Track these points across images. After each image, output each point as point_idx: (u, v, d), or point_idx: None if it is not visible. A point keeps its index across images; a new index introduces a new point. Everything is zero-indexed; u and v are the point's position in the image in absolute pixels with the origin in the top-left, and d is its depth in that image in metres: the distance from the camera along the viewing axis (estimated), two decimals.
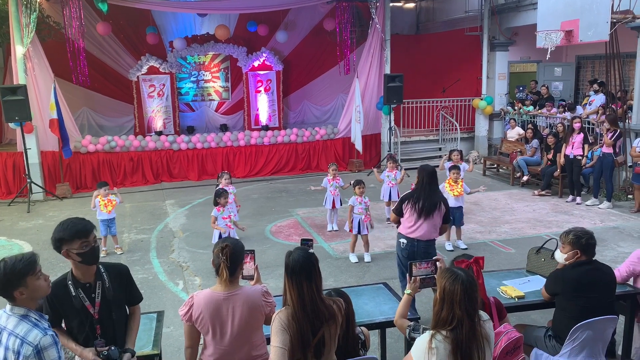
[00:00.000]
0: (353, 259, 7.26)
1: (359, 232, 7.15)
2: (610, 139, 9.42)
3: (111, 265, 3.19)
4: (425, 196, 5.06)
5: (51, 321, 3.05)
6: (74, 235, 2.94)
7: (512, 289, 4.36)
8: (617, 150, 9.84)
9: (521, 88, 14.38)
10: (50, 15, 12.16)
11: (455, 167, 7.76)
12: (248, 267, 3.33)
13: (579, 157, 9.88)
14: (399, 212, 5.21)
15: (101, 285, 3.05)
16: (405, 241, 5.14)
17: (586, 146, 9.88)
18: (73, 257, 2.96)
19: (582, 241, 3.82)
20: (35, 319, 2.63)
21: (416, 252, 5.06)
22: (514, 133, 12.88)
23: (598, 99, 11.57)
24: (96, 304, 3.03)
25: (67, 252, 2.95)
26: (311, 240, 3.48)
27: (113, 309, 3.08)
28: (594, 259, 3.89)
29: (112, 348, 3.00)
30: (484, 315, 2.88)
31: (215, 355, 3.08)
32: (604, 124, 9.60)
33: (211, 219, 7.11)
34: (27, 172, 10.64)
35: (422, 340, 2.76)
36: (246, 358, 3.10)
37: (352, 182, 7.55)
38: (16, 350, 2.52)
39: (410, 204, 5.09)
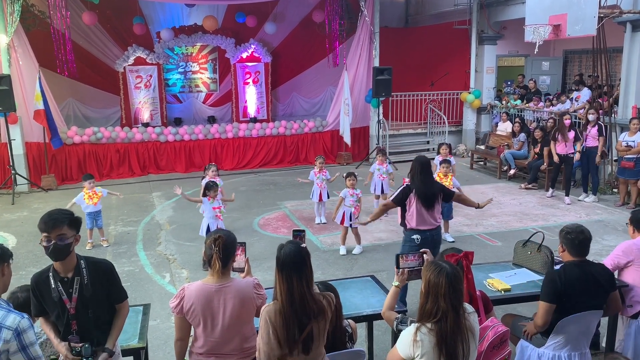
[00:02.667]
0: (342, 251, 7.28)
1: (350, 225, 7.16)
2: (599, 134, 9.48)
3: (93, 262, 3.11)
4: (424, 186, 5.07)
5: (38, 311, 3.07)
6: (40, 228, 2.93)
7: (498, 281, 4.39)
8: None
9: (509, 83, 14.46)
10: (35, 4, 11.97)
11: (445, 161, 7.77)
12: (239, 260, 3.31)
13: (571, 155, 9.81)
14: (398, 201, 5.17)
15: (79, 281, 2.99)
16: (419, 236, 5.10)
17: (578, 143, 9.84)
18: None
19: (567, 236, 3.73)
20: (5, 305, 2.67)
21: (429, 240, 5.09)
22: (503, 127, 12.94)
23: (584, 95, 11.65)
24: (73, 299, 2.98)
25: (40, 242, 2.95)
26: (303, 231, 3.44)
27: (90, 307, 3.02)
28: (586, 259, 3.75)
29: (86, 345, 2.96)
30: (469, 307, 2.90)
31: (205, 347, 3.07)
32: (590, 115, 9.62)
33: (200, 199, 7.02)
34: (11, 164, 10.50)
35: (407, 333, 2.78)
36: (237, 350, 3.09)
37: (343, 174, 7.55)
38: None
39: (414, 196, 5.08)
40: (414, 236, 5.13)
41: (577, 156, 9.72)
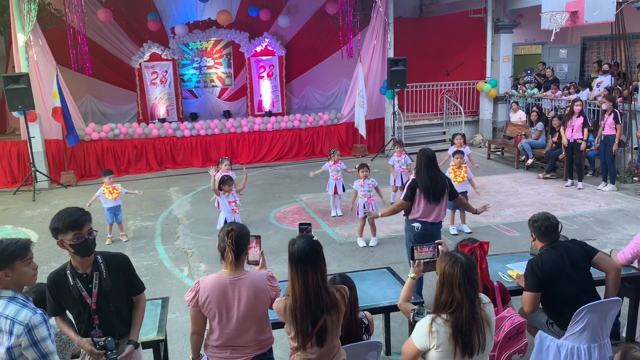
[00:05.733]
0: (361, 243, 7.29)
1: (364, 215, 7.16)
2: (615, 122, 9.34)
3: (110, 256, 3.17)
4: (430, 181, 5.04)
5: (54, 310, 3.10)
6: (67, 226, 2.93)
7: (519, 273, 4.33)
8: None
9: (529, 71, 14.25)
10: (51, 2, 12.10)
11: (458, 152, 7.72)
12: (254, 253, 3.32)
13: (579, 141, 9.73)
14: (409, 198, 5.15)
15: (98, 275, 3.04)
16: (419, 225, 5.11)
17: (585, 130, 9.73)
18: (67, 248, 2.97)
19: (534, 224, 3.83)
20: (22, 300, 2.70)
21: (429, 234, 5.07)
22: (516, 117, 12.79)
23: (607, 81, 11.45)
24: (93, 294, 3.02)
25: (62, 242, 2.97)
26: (309, 224, 3.45)
27: (111, 300, 3.07)
28: (558, 242, 3.80)
29: (109, 339, 3.00)
30: (484, 298, 2.89)
31: (221, 340, 3.10)
32: (604, 104, 9.52)
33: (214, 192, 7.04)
34: (31, 161, 10.67)
35: (422, 324, 2.78)
36: (252, 342, 3.12)
37: (355, 166, 7.54)
38: (8, 330, 2.58)
39: (419, 191, 5.06)
40: (414, 224, 5.14)
41: (583, 144, 9.63)
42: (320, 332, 2.83)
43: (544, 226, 3.77)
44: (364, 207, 7.14)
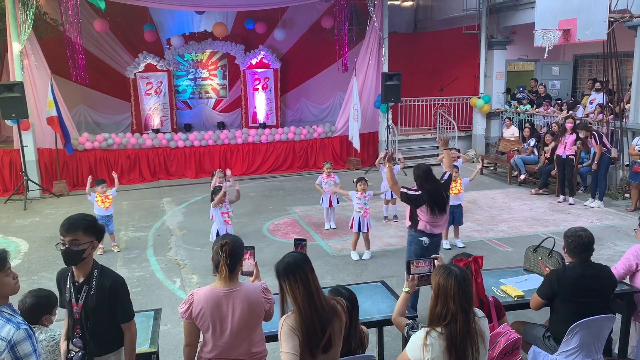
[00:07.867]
0: (354, 256, 7.27)
1: (359, 229, 7.16)
2: (597, 144, 9.52)
3: (107, 275, 3.07)
4: (436, 193, 5.08)
5: (61, 302, 3.18)
6: (60, 230, 2.97)
7: (512, 288, 4.34)
8: (608, 147, 9.89)
9: (521, 89, 14.40)
10: (48, 12, 12.12)
11: (453, 166, 7.74)
12: (247, 264, 3.31)
13: (572, 157, 9.86)
14: (405, 199, 5.17)
15: (87, 289, 3.00)
16: (427, 240, 5.11)
17: (578, 144, 9.84)
18: None
19: (567, 239, 3.86)
20: (8, 314, 2.62)
21: (436, 246, 5.18)
22: (509, 133, 12.89)
23: (600, 98, 11.59)
24: (79, 305, 3.00)
25: (57, 245, 2.99)
26: (305, 240, 3.43)
27: (90, 318, 3.00)
28: (589, 261, 3.83)
29: (80, 354, 2.97)
30: (478, 312, 2.89)
31: (214, 352, 3.07)
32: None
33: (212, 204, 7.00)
34: (23, 170, 10.61)
35: (417, 337, 2.77)
36: (245, 354, 3.09)
37: (354, 180, 7.55)
38: None
39: (426, 206, 5.06)
40: (423, 238, 5.14)
41: (594, 166, 9.66)
42: (326, 344, 2.78)
43: (573, 244, 3.79)
44: (359, 223, 7.13)
